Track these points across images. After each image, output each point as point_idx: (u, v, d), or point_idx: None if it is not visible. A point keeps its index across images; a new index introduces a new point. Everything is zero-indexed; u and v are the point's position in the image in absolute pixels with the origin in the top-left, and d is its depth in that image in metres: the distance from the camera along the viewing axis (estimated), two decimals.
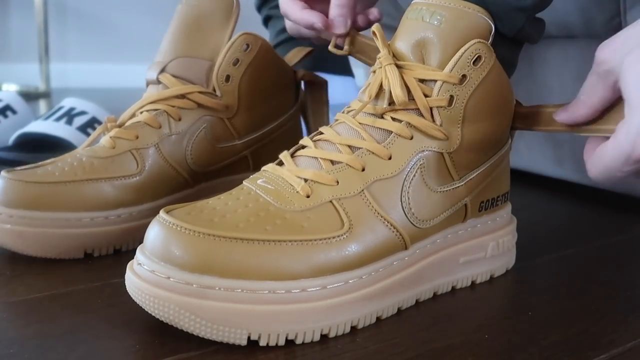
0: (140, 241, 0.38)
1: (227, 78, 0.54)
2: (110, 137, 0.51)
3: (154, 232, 0.36)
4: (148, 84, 0.55)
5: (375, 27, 0.43)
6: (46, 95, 1.80)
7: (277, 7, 0.70)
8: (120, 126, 0.52)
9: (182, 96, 0.53)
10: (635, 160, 0.37)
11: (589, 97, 0.40)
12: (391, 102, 0.41)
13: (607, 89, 0.39)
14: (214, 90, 0.54)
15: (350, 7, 0.49)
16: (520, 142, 0.76)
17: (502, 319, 0.42)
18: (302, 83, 0.60)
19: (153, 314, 0.35)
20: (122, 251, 0.50)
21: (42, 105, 1.60)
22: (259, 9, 0.72)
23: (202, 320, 0.34)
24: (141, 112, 0.53)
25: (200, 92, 0.53)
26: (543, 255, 0.53)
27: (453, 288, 0.45)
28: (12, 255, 0.48)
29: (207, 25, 0.54)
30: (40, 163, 0.50)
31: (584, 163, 0.42)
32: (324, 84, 0.60)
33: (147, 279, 0.35)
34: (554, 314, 0.42)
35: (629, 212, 0.67)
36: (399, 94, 0.40)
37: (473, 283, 0.46)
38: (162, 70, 0.53)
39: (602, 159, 0.39)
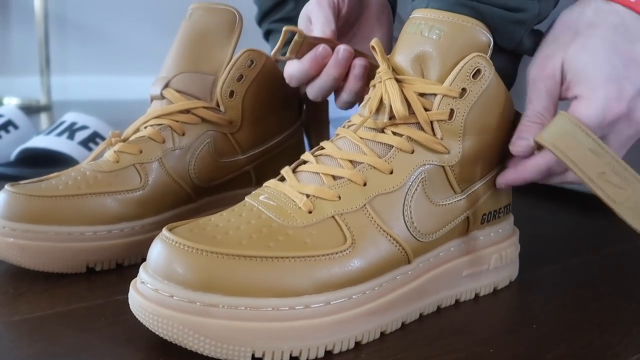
0: (143, 256, 0.38)
1: (231, 94, 0.54)
2: (114, 152, 0.51)
3: (157, 250, 0.36)
4: (152, 99, 0.55)
5: (374, 42, 0.43)
6: (47, 108, 1.80)
7: (278, 21, 0.70)
8: (124, 141, 0.53)
9: (187, 111, 0.53)
10: (605, 125, 0.40)
11: (547, 118, 0.42)
12: (392, 117, 0.41)
13: (556, 104, 0.42)
14: (218, 105, 0.54)
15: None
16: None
17: (507, 332, 0.42)
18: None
19: (156, 333, 0.35)
20: (125, 266, 0.50)
21: (43, 118, 1.61)
22: (260, 23, 0.73)
23: (205, 339, 0.34)
24: (145, 127, 0.53)
25: (204, 107, 0.53)
26: (546, 267, 0.53)
27: (457, 301, 0.45)
28: (16, 272, 0.48)
29: (210, 41, 0.54)
30: (44, 177, 0.50)
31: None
32: (324, 103, 0.60)
33: (150, 297, 0.35)
34: (559, 327, 0.42)
35: None
36: (399, 108, 0.40)
37: (477, 296, 0.46)
38: (166, 86, 0.54)
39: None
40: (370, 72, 0.48)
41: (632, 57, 0.41)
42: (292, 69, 0.49)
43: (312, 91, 0.50)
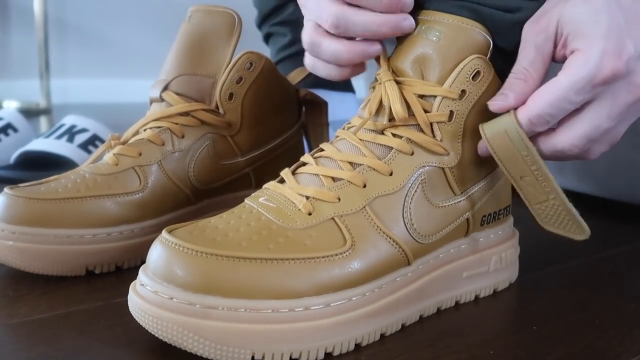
0: (143, 258, 0.38)
1: (230, 96, 0.54)
2: (114, 154, 0.51)
3: (157, 253, 0.36)
4: (151, 101, 0.55)
5: None
6: (47, 111, 1.80)
7: (278, 24, 0.70)
8: (123, 143, 0.53)
9: (186, 113, 0.53)
10: (600, 81, 0.37)
11: (532, 74, 0.40)
12: (391, 118, 0.41)
13: (546, 60, 0.40)
14: (217, 107, 0.54)
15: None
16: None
17: (507, 334, 0.42)
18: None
19: (156, 335, 0.35)
20: (124, 269, 0.50)
21: (42, 121, 1.61)
22: (260, 26, 0.73)
23: (205, 341, 0.34)
24: (144, 130, 0.53)
25: (204, 110, 0.53)
26: (546, 268, 0.53)
27: (457, 303, 0.45)
28: (15, 275, 0.48)
29: (209, 43, 0.55)
30: (43, 180, 0.50)
31: (586, 172, 0.42)
32: (323, 106, 0.61)
33: (149, 299, 0.35)
34: (559, 328, 0.42)
35: (633, 223, 0.67)
36: (399, 110, 0.40)
37: (477, 297, 0.46)
38: (165, 88, 0.54)
39: (553, 90, 0.38)
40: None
41: (637, 15, 0.38)
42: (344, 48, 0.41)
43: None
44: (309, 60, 0.46)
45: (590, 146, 0.41)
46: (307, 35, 0.43)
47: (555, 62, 0.41)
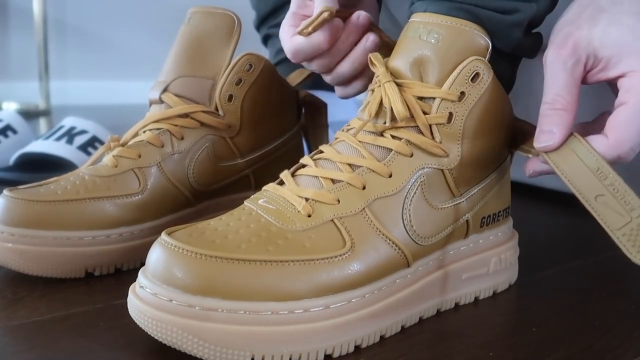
0: (142, 260, 0.38)
1: (230, 98, 0.54)
2: (113, 156, 0.51)
3: (156, 255, 0.36)
4: (151, 103, 0.55)
5: (372, 55, 0.43)
6: (46, 113, 1.80)
7: (276, 26, 0.70)
8: (123, 145, 0.53)
9: (186, 115, 0.53)
10: None
11: (569, 100, 0.39)
12: (392, 119, 0.41)
13: (578, 84, 0.39)
14: (217, 109, 0.54)
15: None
16: (520, 154, 0.76)
17: (507, 336, 0.42)
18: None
19: (156, 337, 0.35)
20: (124, 270, 0.50)
21: (42, 123, 1.61)
22: (258, 27, 0.73)
23: (205, 343, 0.34)
24: (144, 131, 0.53)
25: (203, 111, 0.53)
26: (546, 270, 0.53)
27: (456, 305, 0.45)
28: (14, 277, 0.48)
29: (209, 45, 0.54)
30: (43, 182, 0.50)
31: None
32: (323, 107, 0.61)
33: (149, 302, 0.35)
34: (559, 330, 0.42)
35: None
36: (400, 109, 0.40)
37: (476, 299, 0.46)
38: (165, 90, 0.54)
39: (634, 116, 0.37)
40: (379, 49, 0.47)
41: None
42: (301, 44, 0.46)
43: (319, 66, 0.48)
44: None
45: None
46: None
47: (585, 85, 0.40)
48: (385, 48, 0.48)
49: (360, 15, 0.46)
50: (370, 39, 0.47)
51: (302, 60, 0.48)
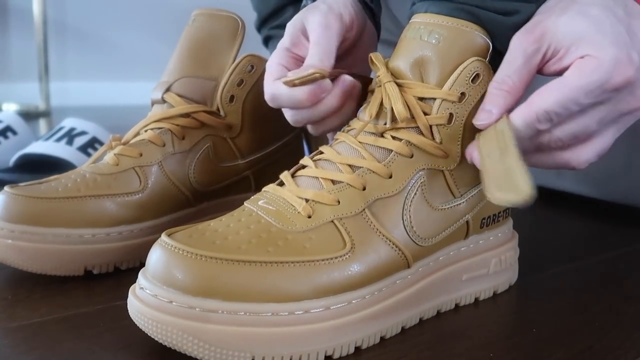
0: (142, 259, 0.38)
1: (232, 98, 0.54)
2: (114, 154, 0.52)
3: (156, 256, 0.36)
4: (153, 103, 0.55)
5: (372, 54, 0.43)
6: (46, 114, 1.81)
7: (277, 27, 0.70)
8: (124, 144, 0.53)
9: (187, 115, 0.53)
10: (612, 86, 0.37)
11: (516, 84, 0.39)
12: (393, 120, 0.41)
13: (532, 72, 0.39)
14: (218, 110, 0.54)
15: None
16: None
17: (507, 337, 0.42)
18: None
19: (156, 339, 0.35)
20: (123, 270, 0.50)
21: (42, 124, 1.61)
22: (259, 29, 0.73)
23: (205, 344, 0.34)
24: (145, 131, 0.53)
25: (205, 112, 0.53)
26: (546, 271, 0.53)
27: (456, 305, 0.45)
28: (14, 278, 0.48)
29: (212, 46, 0.55)
30: (43, 179, 0.50)
31: (585, 174, 0.41)
32: None
33: (149, 303, 0.35)
34: (559, 331, 0.42)
35: (631, 225, 0.67)
36: (401, 110, 0.40)
37: (476, 300, 0.46)
38: (168, 90, 0.54)
39: (563, 89, 0.37)
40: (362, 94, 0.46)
41: (633, 30, 0.39)
42: (281, 93, 0.44)
43: (297, 117, 0.46)
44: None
45: (574, 147, 0.40)
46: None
47: (541, 75, 0.40)
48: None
49: (345, 81, 0.44)
50: (356, 86, 0.44)
51: (277, 107, 0.46)
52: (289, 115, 0.46)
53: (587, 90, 0.38)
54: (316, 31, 0.45)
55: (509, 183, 0.35)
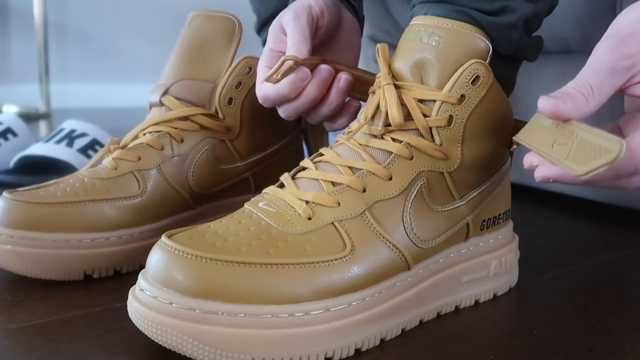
0: (141, 263, 0.38)
1: (230, 100, 0.54)
2: (113, 159, 0.51)
3: (156, 257, 0.36)
4: (151, 106, 0.55)
5: (380, 46, 0.43)
6: (46, 116, 1.81)
7: None
8: (122, 148, 0.53)
9: (186, 118, 0.53)
10: None
11: (595, 97, 0.34)
12: (388, 124, 0.41)
13: (615, 89, 0.34)
14: (217, 112, 0.54)
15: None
16: (520, 157, 0.76)
17: (507, 339, 0.42)
18: None
19: (156, 340, 0.35)
20: (123, 273, 0.50)
21: (42, 126, 1.61)
22: (259, 32, 0.73)
23: (205, 346, 0.34)
24: (144, 134, 0.53)
25: (203, 114, 0.53)
26: (546, 273, 0.53)
27: (457, 308, 0.45)
28: (13, 280, 0.48)
29: (210, 48, 0.55)
30: (42, 184, 0.50)
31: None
32: None
33: (149, 304, 0.35)
34: (559, 333, 0.42)
35: (632, 227, 0.67)
36: (395, 115, 0.40)
37: (477, 302, 0.46)
38: (165, 93, 0.54)
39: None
40: (354, 85, 0.47)
41: None
42: (268, 91, 0.47)
43: (287, 111, 0.48)
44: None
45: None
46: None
47: (621, 93, 0.36)
48: (360, 84, 0.47)
49: (321, 70, 0.46)
50: (342, 78, 0.46)
51: (271, 106, 0.49)
52: (280, 111, 0.49)
53: None
54: (289, 25, 0.48)
55: (591, 151, 0.31)
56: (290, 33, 0.48)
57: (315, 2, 0.50)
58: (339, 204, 0.39)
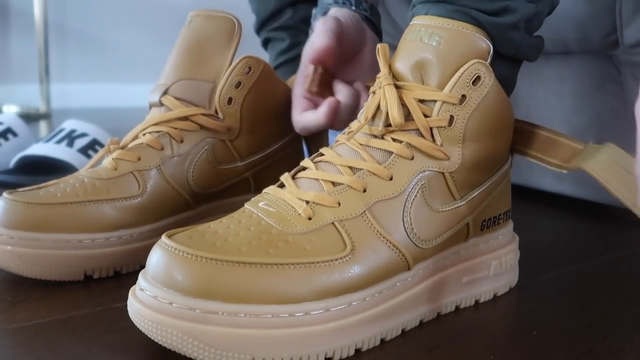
0: (142, 263, 0.38)
1: (229, 100, 0.54)
2: (113, 159, 0.51)
3: (156, 257, 0.36)
4: (151, 106, 0.55)
5: (380, 46, 0.43)
6: (47, 116, 1.81)
7: (276, 29, 0.70)
8: (122, 148, 0.53)
9: (185, 118, 0.53)
10: None
11: None
12: (388, 124, 0.41)
13: None
14: (216, 112, 0.54)
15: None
16: (521, 158, 0.76)
17: (507, 340, 0.42)
18: None
19: (156, 340, 0.35)
20: (123, 273, 0.50)
21: (42, 126, 1.61)
22: (258, 31, 0.73)
23: (205, 346, 0.34)
24: (143, 134, 0.53)
25: (203, 114, 0.53)
26: (546, 273, 0.53)
27: (457, 308, 0.45)
28: (13, 280, 0.48)
29: (209, 48, 0.55)
30: (42, 184, 0.50)
31: (585, 178, 0.41)
32: None
33: (149, 304, 0.35)
34: (559, 333, 0.42)
35: (632, 228, 0.67)
36: (395, 115, 0.40)
37: (477, 302, 0.46)
38: (165, 93, 0.54)
39: None
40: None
41: None
42: (309, 123, 0.54)
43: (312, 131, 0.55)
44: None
45: None
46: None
47: None
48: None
49: (331, 102, 0.52)
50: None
51: (308, 134, 0.57)
52: (298, 128, 0.56)
53: None
54: (317, 24, 0.53)
55: None
56: (317, 30, 0.53)
57: (340, 14, 0.55)
58: (339, 204, 0.39)
